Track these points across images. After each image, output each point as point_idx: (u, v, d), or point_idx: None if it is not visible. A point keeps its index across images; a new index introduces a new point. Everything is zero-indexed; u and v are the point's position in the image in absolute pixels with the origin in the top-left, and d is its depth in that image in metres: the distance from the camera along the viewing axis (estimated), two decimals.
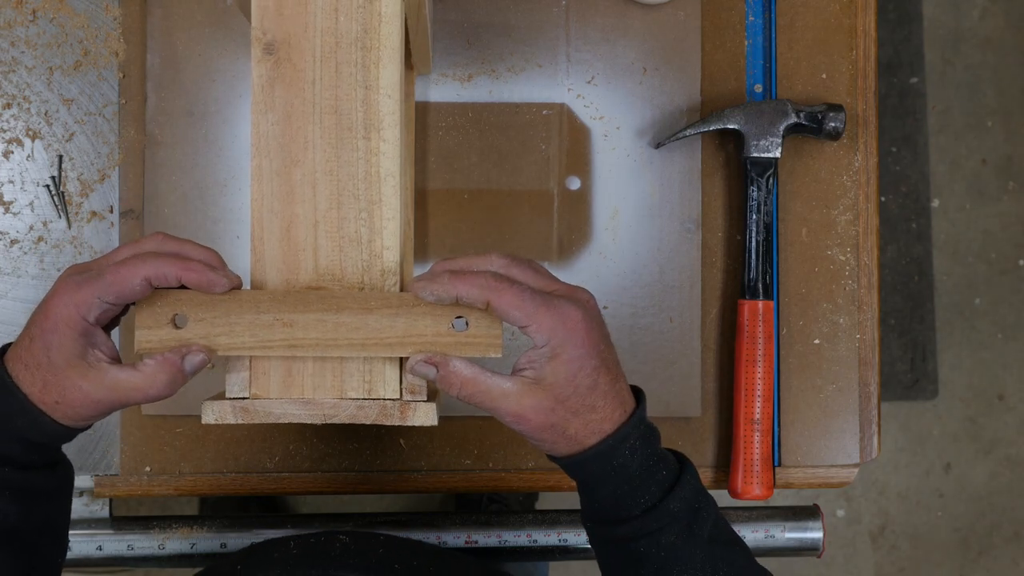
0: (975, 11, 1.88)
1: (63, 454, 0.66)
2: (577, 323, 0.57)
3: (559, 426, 0.58)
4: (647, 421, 0.62)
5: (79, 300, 0.56)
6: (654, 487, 0.61)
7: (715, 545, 0.62)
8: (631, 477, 0.60)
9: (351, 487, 0.84)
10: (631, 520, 0.61)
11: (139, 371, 0.58)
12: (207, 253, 0.59)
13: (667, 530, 0.60)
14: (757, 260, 0.83)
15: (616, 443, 0.59)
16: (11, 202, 0.82)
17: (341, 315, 0.59)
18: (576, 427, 0.59)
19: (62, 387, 0.57)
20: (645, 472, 0.61)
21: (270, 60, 0.61)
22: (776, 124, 0.82)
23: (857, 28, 0.87)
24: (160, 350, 0.59)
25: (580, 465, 0.60)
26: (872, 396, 0.86)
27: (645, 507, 0.60)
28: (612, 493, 0.61)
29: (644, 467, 0.61)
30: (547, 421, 0.58)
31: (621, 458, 0.60)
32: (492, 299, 0.57)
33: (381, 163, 0.61)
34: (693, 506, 0.62)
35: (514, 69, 0.85)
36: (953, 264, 1.87)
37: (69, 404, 0.58)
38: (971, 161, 1.88)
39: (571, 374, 0.58)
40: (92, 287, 0.56)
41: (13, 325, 0.82)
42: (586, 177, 0.84)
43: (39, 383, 0.57)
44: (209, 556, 0.83)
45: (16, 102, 0.83)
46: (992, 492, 1.87)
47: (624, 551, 0.62)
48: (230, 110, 0.83)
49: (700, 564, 0.61)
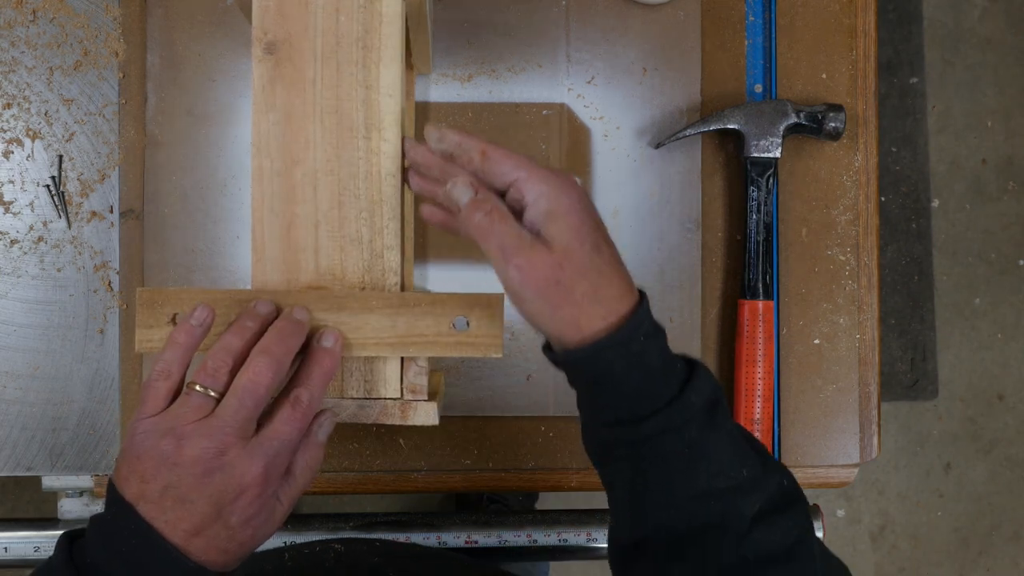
0: (975, 11, 1.88)
1: None
2: (571, 183, 0.55)
3: (565, 284, 0.54)
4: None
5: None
6: (673, 379, 0.56)
7: (736, 439, 0.57)
8: (652, 368, 0.55)
9: (351, 487, 0.84)
10: (656, 415, 0.55)
11: (297, 479, 0.56)
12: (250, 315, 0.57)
13: (692, 423, 0.55)
14: (757, 260, 0.83)
15: (633, 329, 0.54)
16: (11, 202, 0.82)
17: (342, 315, 0.60)
18: (583, 291, 0.54)
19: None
20: (665, 363, 0.56)
21: (271, 60, 0.61)
22: (776, 124, 0.82)
23: (857, 28, 0.87)
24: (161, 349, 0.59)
25: (597, 356, 0.54)
26: (872, 396, 0.86)
27: (668, 399, 0.55)
28: (636, 386, 0.55)
29: (662, 357, 0.56)
30: (553, 276, 0.53)
31: (638, 346, 0.54)
32: (488, 149, 0.55)
33: (382, 163, 0.61)
34: (712, 398, 0.57)
35: (514, 69, 0.85)
36: (953, 264, 1.87)
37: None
38: (971, 161, 1.88)
39: (573, 228, 0.54)
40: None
41: (13, 325, 0.82)
42: (586, 177, 0.84)
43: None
44: None
45: (16, 102, 0.83)
46: (992, 492, 1.87)
47: (649, 451, 0.56)
48: (230, 110, 0.83)
49: (728, 458, 0.56)
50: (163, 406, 0.53)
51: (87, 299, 0.82)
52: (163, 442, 0.51)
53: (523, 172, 0.54)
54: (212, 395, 0.52)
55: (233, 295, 0.59)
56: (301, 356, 0.57)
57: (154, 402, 0.53)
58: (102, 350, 0.82)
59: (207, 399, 0.52)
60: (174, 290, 0.59)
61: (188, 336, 0.55)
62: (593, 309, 0.54)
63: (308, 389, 0.54)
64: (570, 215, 0.54)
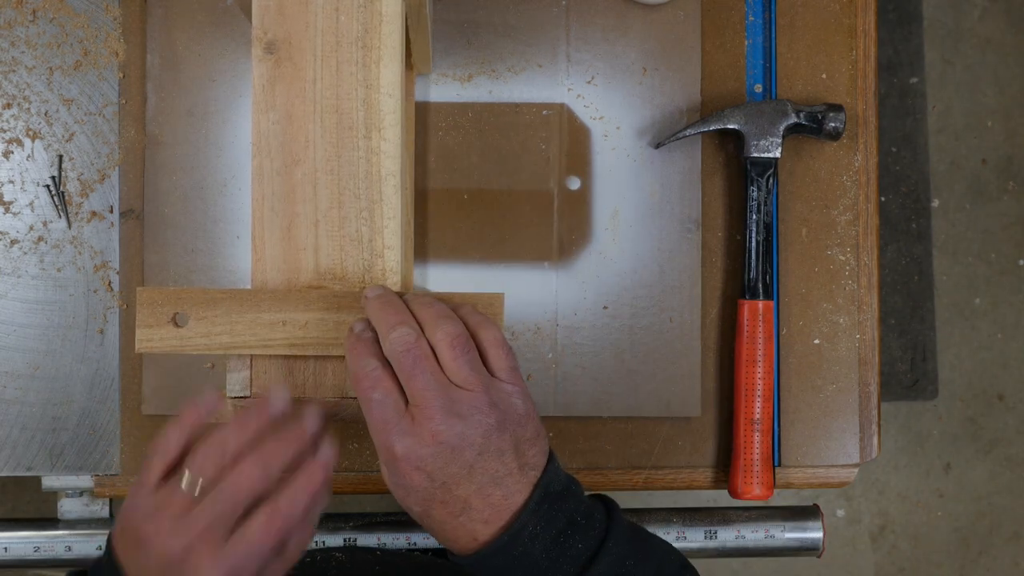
0: (975, 11, 1.88)
1: None
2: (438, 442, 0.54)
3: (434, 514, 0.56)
4: (558, 479, 0.59)
5: None
6: (567, 565, 0.56)
7: None
8: (536, 562, 0.56)
9: (351, 487, 0.84)
10: None
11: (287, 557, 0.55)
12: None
13: None
14: (757, 260, 0.83)
15: (514, 534, 0.55)
16: (11, 202, 0.82)
17: (342, 314, 0.60)
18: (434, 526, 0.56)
19: None
20: (555, 551, 0.56)
21: (271, 59, 0.61)
22: (776, 124, 0.82)
23: (857, 28, 0.87)
24: (161, 349, 0.59)
25: (482, 563, 0.56)
26: (872, 396, 0.86)
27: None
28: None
29: (553, 545, 0.56)
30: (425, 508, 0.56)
31: (522, 546, 0.56)
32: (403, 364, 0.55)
33: (382, 162, 0.61)
34: (618, 573, 0.57)
35: (514, 69, 0.85)
36: (953, 264, 1.87)
37: None
38: (971, 161, 1.88)
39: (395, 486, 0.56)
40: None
41: (13, 325, 0.82)
42: (586, 177, 0.84)
43: None
44: None
45: (16, 102, 0.83)
46: (992, 492, 1.87)
47: None
48: (230, 110, 0.83)
49: None
50: (156, 480, 0.54)
51: (87, 299, 0.82)
52: (145, 526, 0.52)
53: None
54: (196, 494, 0.52)
55: (233, 295, 0.59)
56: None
57: (149, 475, 0.54)
58: (102, 350, 0.82)
59: (189, 497, 0.52)
60: (175, 290, 0.59)
61: (195, 419, 0.55)
62: (454, 535, 0.56)
63: (291, 501, 0.53)
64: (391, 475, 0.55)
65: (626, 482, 0.85)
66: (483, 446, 0.55)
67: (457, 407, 0.54)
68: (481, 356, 0.57)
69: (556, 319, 0.83)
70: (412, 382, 0.54)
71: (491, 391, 0.55)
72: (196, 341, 0.59)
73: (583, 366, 0.83)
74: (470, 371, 0.55)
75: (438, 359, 0.55)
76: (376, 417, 0.55)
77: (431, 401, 0.54)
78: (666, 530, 0.85)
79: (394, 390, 0.55)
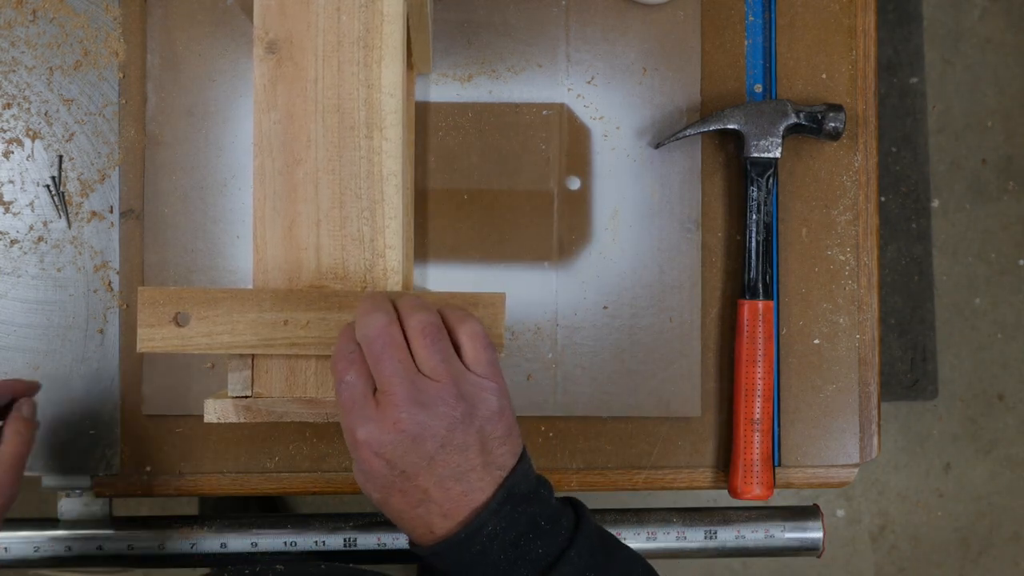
0: (975, 11, 1.88)
1: None
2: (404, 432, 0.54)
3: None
4: (527, 480, 0.57)
5: None
6: (525, 569, 0.56)
7: None
8: (494, 562, 0.55)
9: (351, 487, 0.84)
10: None
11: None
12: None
13: None
14: (757, 260, 0.83)
15: (472, 532, 0.55)
16: (11, 202, 0.82)
17: (344, 314, 0.60)
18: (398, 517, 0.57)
19: None
20: (513, 554, 0.56)
21: (272, 59, 0.62)
22: (776, 124, 0.82)
23: (857, 28, 0.87)
24: (163, 349, 0.59)
25: (439, 557, 0.56)
26: (872, 396, 0.86)
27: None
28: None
29: (512, 547, 0.56)
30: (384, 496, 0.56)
31: (479, 545, 0.55)
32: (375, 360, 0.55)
33: (383, 162, 0.61)
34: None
35: (514, 69, 0.85)
36: (953, 264, 1.87)
37: None
38: (971, 161, 1.88)
39: (361, 473, 0.56)
40: None
41: (13, 325, 0.82)
42: (586, 177, 0.84)
43: None
44: (209, 556, 0.83)
45: (16, 102, 0.83)
46: (992, 492, 1.87)
47: None
48: (230, 110, 0.83)
49: None
50: None
51: (87, 299, 0.82)
52: None
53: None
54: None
55: (235, 294, 0.59)
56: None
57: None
58: (102, 350, 0.82)
59: None
60: (176, 290, 0.59)
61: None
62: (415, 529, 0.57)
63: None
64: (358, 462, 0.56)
65: (626, 482, 0.85)
66: (446, 438, 0.54)
67: (422, 396, 0.53)
68: (457, 349, 0.56)
69: (556, 319, 0.83)
70: (379, 367, 0.54)
71: (461, 383, 0.55)
72: (198, 341, 0.59)
73: (583, 366, 0.83)
74: (439, 361, 0.54)
75: (411, 349, 0.55)
76: (344, 399, 0.54)
77: (396, 388, 0.53)
78: (666, 530, 0.85)
79: (365, 374, 0.55)
